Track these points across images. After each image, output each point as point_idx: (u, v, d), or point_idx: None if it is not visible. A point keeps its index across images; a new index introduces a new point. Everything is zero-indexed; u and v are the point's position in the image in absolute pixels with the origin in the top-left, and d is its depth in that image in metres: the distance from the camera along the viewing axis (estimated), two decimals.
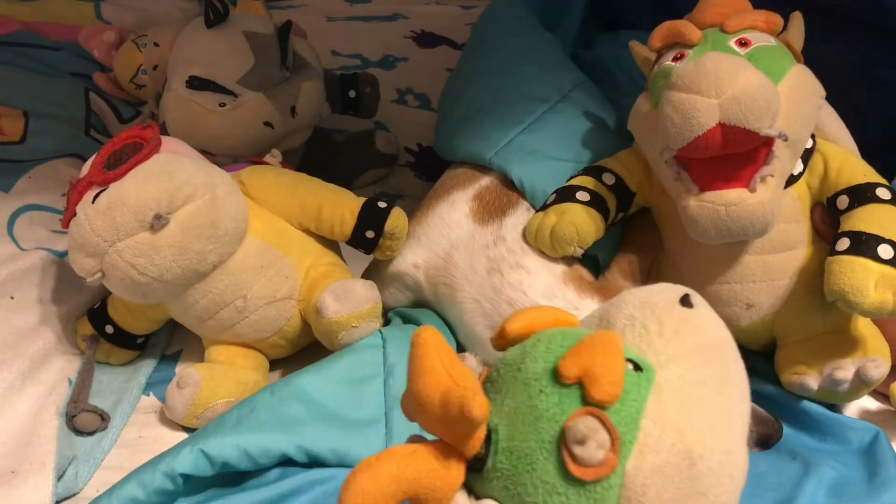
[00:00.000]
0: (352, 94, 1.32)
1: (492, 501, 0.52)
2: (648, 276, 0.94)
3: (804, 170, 0.87)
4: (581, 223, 0.88)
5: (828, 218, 0.87)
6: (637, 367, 0.52)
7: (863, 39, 1.09)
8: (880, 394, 0.90)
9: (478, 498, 0.52)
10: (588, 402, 0.50)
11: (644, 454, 0.49)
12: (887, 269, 0.77)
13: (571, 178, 0.95)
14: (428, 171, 1.37)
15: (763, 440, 0.85)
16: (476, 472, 0.52)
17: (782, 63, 0.83)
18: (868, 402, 0.92)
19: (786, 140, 0.79)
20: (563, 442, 0.49)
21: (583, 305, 0.87)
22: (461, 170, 1.04)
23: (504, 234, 0.93)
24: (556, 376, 0.51)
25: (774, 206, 0.80)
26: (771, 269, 0.87)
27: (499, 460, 0.51)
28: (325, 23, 1.84)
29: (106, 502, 0.75)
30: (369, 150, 1.36)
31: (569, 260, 0.92)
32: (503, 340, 0.57)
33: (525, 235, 0.92)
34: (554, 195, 0.93)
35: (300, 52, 1.24)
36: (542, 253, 0.91)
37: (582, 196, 0.91)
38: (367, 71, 1.41)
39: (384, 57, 1.71)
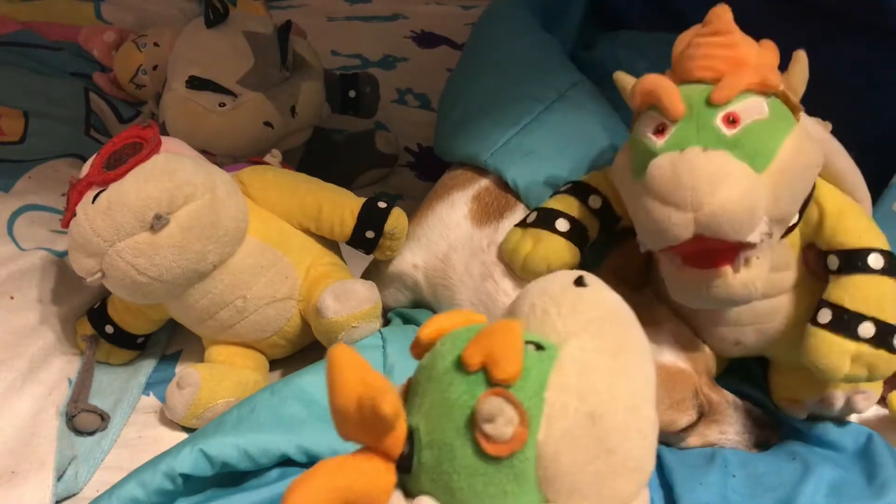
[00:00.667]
0: (352, 93, 1.32)
1: (426, 498, 0.54)
2: (641, 274, 0.93)
3: (799, 220, 0.83)
4: (554, 258, 0.88)
5: (821, 260, 0.84)
6: (539, 348, 0.54)
7: (863, 40, 1.09)
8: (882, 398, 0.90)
9: (413, 496, 0.54)
10: (493, 384, 0.52)
11: (551, 423, 0.52)
12: (864, 347, 0.77)
13: (556, 192, 0.92)
14: (428, 171, 1.37)
15: (762, 442, 0.85)
16: (406, 472, 0.54)
17: (775, 139, 0.76)
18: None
19: (770, 237, 0.76)
20: (475, 423, 0.51)
21: None
22: (461, 170, 1.04)
23: (498, 239, 0.93)
24: (462, 366, 0.53)
25: (759, 282, 0.78)
26: (760, 314, 0.85)
27: (423, 456, 0.53)
28: (325, 23, 1.84)
29: (106, 502, 0.75)
30: (369, 150, 1.36)
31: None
32: (419, 348, 0.59)
33: (500, 249, 0.92)
34: (535, 213, 0.91)
35: (300, 52, 1.24)
36: None
37: (561, 225, 0.89)
38: (367, 71, 1.41)
39: (384, 57, 1.71)
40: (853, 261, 0.80)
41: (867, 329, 0.77)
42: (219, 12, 1.17)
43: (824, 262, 0.82)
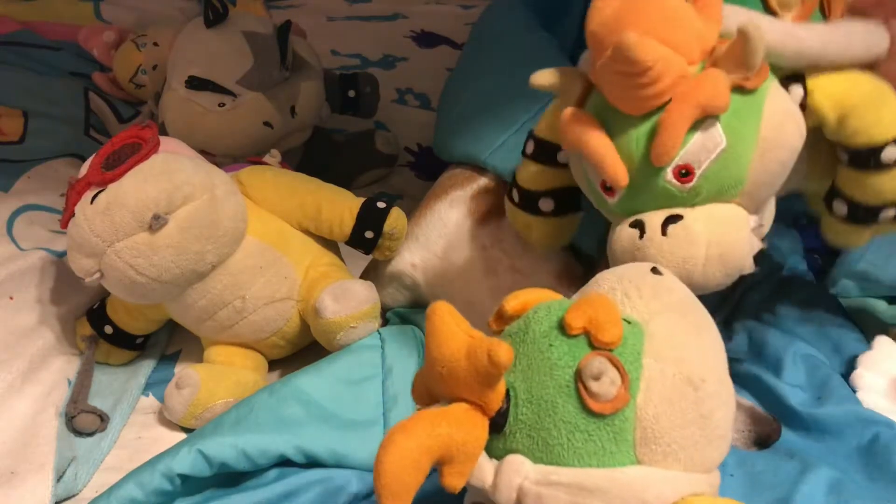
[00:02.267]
0: (351, 93, 1.32)
1: (516, 455, 0.56)
2: None
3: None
4: (554, 239, 0.85)
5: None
6: (627, 323, 0.58)
7: None
8: None
9: (498, 459, 0.57)
10: (594, 347, 0.56)
11: (651, 387, 0.55)
12: (887, 223, 0.76)
13: (523, 154, 0.84)
14: (428, 171, 1.37)
15: (761, 439, 0.85)
16: (497, 431, 0.57)
17: (742, 160, 0.68)
18: (876, 402, 0.91)
19: (761, 227, 0.73)
20: (580, 380, 0.55)
21: None
22: (460, 170, 1.04)
23: (501, 236, 0.93)
24: (563, 329, 0.57)
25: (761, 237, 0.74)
26: None
27: (521, 412, 0.56)
28: (325, 23, 1.84)
29: (104, 503, 0.75)
30: (369, 150, 1.36)
31: (563, 260, 0.91)
32: (502, 319, 0.62)
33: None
34: (516, 192, 0.84)
35: (300, 52, 1.24)
36: (537, 254, 0.91)
37: (545, 205, 0.82)
38: (367, 71, 1.41)
39: (384, 57, 1.71)
40: (864, 159, 0.73)
41: (888, 213, 0.75)
42: (218, 12, 1.17)
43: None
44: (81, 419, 0.90)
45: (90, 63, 1.54)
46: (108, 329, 0.98)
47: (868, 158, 0.72)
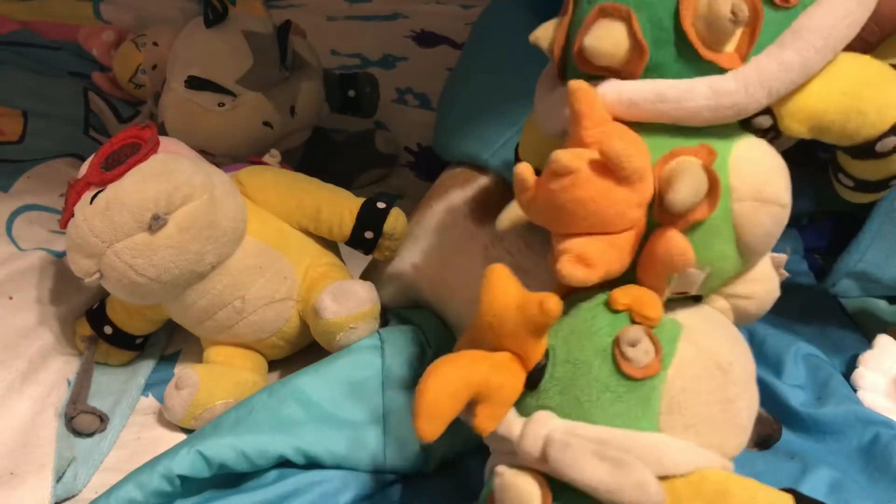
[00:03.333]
0: (351, 93, 1.32)
1: (545, 411, 0.59)
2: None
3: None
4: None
5: None
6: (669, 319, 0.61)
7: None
8: None
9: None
10: (635, 322, 0.59)
11: (682, 364, 0.58)
12: None
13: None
14: (428, 171, 1.37)
15: (762, 440, 0.85)
16: (532, 388, 0.59)
17: (731, 263, 0.63)
18: (877, 401, 0.91)
19: None
20: (617, 345, 0.58)
21: None
22: (460, 170, 1.04)
23: (503, 235, 0.93)
24: (608, 305, 0.60)
25: None
26: None
27: (557, 370, 0.59)
28: (325, 22, 1.83)
29: None
30: (369, 150, 1.36)
31: None
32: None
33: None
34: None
35: (300, 51, 1.23)
36: (540, 252, 0.91)
37: None
38: (367, 70, 1.41)
39: (384, 56, 1.71)
40: (858, 152, 0.66)
41: None
42: (218, 12, 1.17)
43: None
44: (81, 420, 0.90)
45: (90, 63, 1.54)
46: (108, 329, 0.98)
47: (862, 152, 0.66)
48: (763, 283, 0.68)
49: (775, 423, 0.83)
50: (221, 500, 0.78)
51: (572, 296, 0.64)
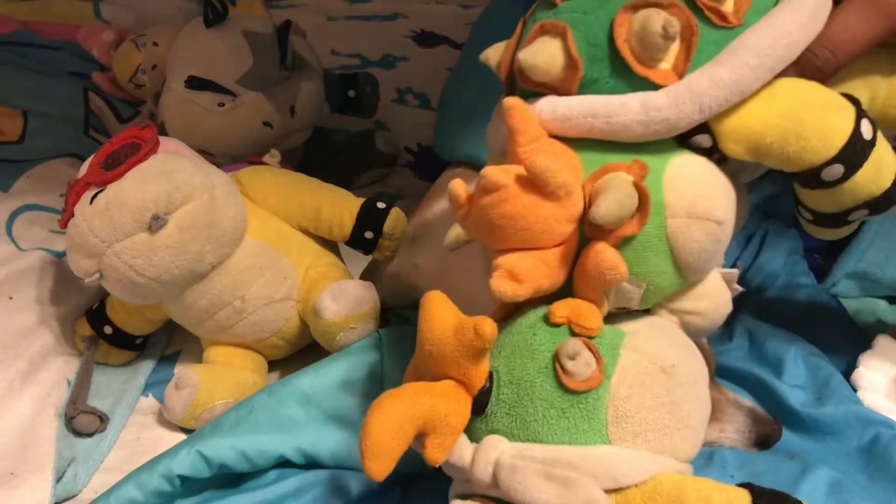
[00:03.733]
0: (351, 93, 1.32)
1: (494, 436, 0.59)
2: None
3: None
4: None
5: None
6: (611, 328, 0.62)
7: None
8: None
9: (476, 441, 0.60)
10: (575, 335, 0.59)
11: (625, 371, 0.58)
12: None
13: None
14: (428, 171, 1.37)
15: (762, 440, 0.85)
16: (478, 413, 0.59)
17: (669, 280, 0.62)
18: (877, 401, 0.91)
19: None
20: (557, 359, 0.57)
21: None
22: (460, 169, 1.04)
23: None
24: (548, 320, 0.60)
25: None
26: None
27: (502, 392, 0.59)
28: (325, 22, 1.84)
29: None
30: (369, 150, 1.36)
31: None
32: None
33: None
34: None
35: (300, 51, 1.23)
36: None
37: None
38: (367, 70, 1.41)
39: (384, 56, 1.71)
40: (805, 180, 0.63)
41: (858, 214, 0.65)
42: (218, 12, 1.17)
43: None
44: (81, 420, 0.90)
45: (90, 63, 1.54)
46: (108, 329, 0.98)
47: (810, 180, 0.63)
48: (711, 298, 0.66)
49: (775, 423, 0.83)
50: (221, 500, 0.78)
51: (517, 313, 0.63)
